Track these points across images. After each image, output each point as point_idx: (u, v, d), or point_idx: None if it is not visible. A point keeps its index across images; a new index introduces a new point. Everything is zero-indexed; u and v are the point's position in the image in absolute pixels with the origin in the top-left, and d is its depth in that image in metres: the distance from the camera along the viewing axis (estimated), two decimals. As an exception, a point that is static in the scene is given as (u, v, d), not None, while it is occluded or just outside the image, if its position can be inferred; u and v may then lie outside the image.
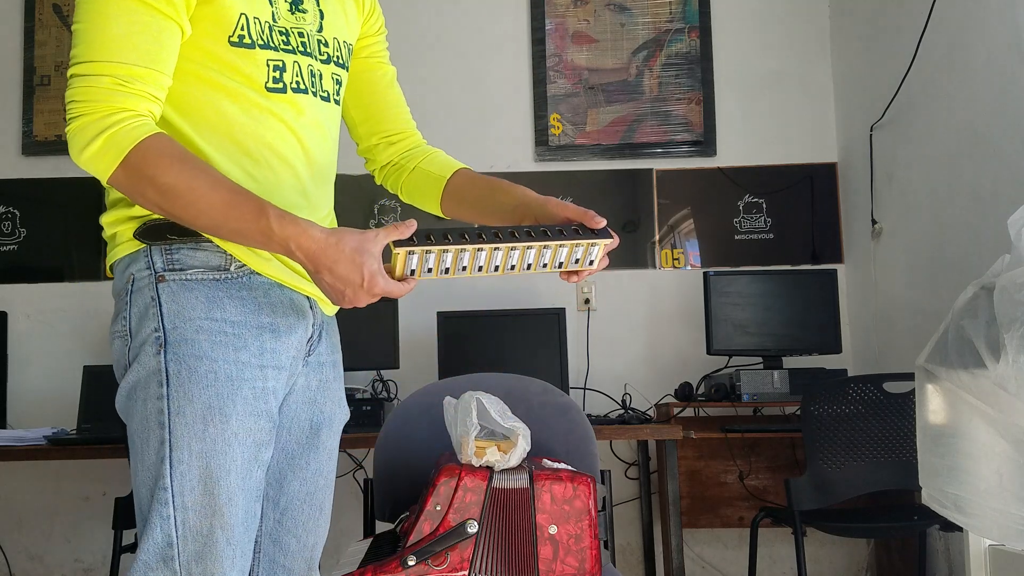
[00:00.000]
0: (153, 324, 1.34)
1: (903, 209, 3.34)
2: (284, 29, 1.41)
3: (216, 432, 1.31)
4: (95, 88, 1.27)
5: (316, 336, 1.49)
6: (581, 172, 3.84)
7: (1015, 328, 1.78)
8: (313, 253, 1.25)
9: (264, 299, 1.40)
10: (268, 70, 1.39)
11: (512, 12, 3.91)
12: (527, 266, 1.38)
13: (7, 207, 3.80)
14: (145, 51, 1.29)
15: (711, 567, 3.70)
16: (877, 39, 3.52)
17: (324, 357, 1.52)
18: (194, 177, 1.27)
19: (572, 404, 2.33)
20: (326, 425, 1.51)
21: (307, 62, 1.44)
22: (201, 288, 1.36)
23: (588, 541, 1.73)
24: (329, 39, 1.48)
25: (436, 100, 3.85)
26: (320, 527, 1.51)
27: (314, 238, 1.25)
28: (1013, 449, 1.86)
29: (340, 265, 1.25)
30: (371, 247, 1.26)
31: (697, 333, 3.61)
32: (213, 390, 1.32)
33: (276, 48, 1.40)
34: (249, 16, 1.36)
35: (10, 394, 3.59)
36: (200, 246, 1.37)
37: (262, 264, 1.40)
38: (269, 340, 1.39)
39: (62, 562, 3.68)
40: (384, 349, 3.44)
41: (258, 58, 1.38)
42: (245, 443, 1.33)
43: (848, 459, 2.68)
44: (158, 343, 1.33)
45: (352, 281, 1.26)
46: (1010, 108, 2.68)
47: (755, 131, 3.85)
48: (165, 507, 1.29)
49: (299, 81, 1.43)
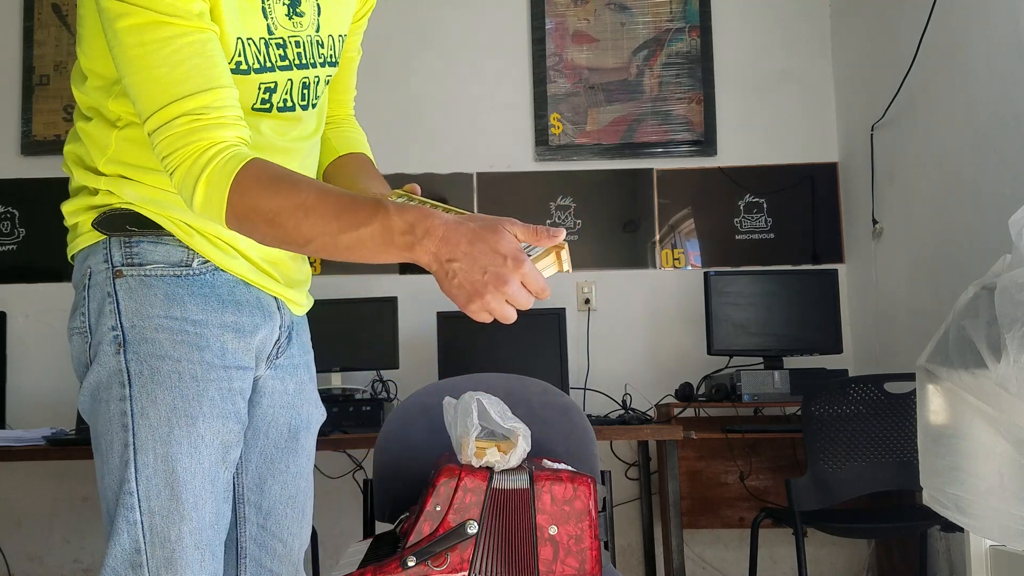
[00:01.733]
0: (111, 322, 1.30)
1: (904, 209, 3.34)
2: (281, 40, 1.34)
3: (182, 435, 1.27)
4: (174, 135, 1.19)
5: (285, 338, 1.45)
6: (581, 172, 3.83)
7: (1016, 328, 1.77)
8: (442, 234, 1.11)
9: (228, 297, 1.35)
10: (259, 93, 1.33)
11: (512, 11, 3.90)
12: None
13: (6, 207, 3.79)
14: (199, 73, 1.20)
15: (711, 568, 3.70)
16: (878, 39, 3.52)
17: (297, 359, 1.49)
18: (298, 192, 1.17)
19: (572, 404, 2.32)
20: (304, 428, 1.49)
21: (301, 75, 1.38)
22: (160, 285, 1.31)
23: (588, 542, 1.72)
24: (325, 38, 1.41)
25: (436, 99, 3.85)
26: (303, 528, 1.50)
27: (442, 217, 1.13)
28: (1014, 449, 1.86)
29: (478, 241, 1.10)
30: (509, 224, 1.13)
31: (698, 333, 3.61)
32: (178, 391, 1.28)
33: (272, 68, 1.33)
34: (245, 39, 1.29)
35: (9, 394, 3.59)
36: (161, 240, 1.32)
37: (227, 261, 1.35)
38: (232, 340, 1.34)
39: (61, 562, 3.68)
40: (384, 349, 3.44)
41: (251, 83, 1.31)
42: (212, 445, 1.30)
43: (849, 459, 2.67)
44: (116, 342, 1.29)
45: (495, 257, 1.09)
46: (1011, 108, 2.67)
47: (756, 131, 3.85)
48: (131, 512, 1.26)
49: (287, 99, 1.37)
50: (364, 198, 1.19)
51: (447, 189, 3.79)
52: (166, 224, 1.32)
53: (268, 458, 1.45)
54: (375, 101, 3.68)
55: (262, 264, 1.39)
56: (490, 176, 3.81)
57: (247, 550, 1.44)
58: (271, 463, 1.45)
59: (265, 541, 1.45)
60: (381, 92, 3.77)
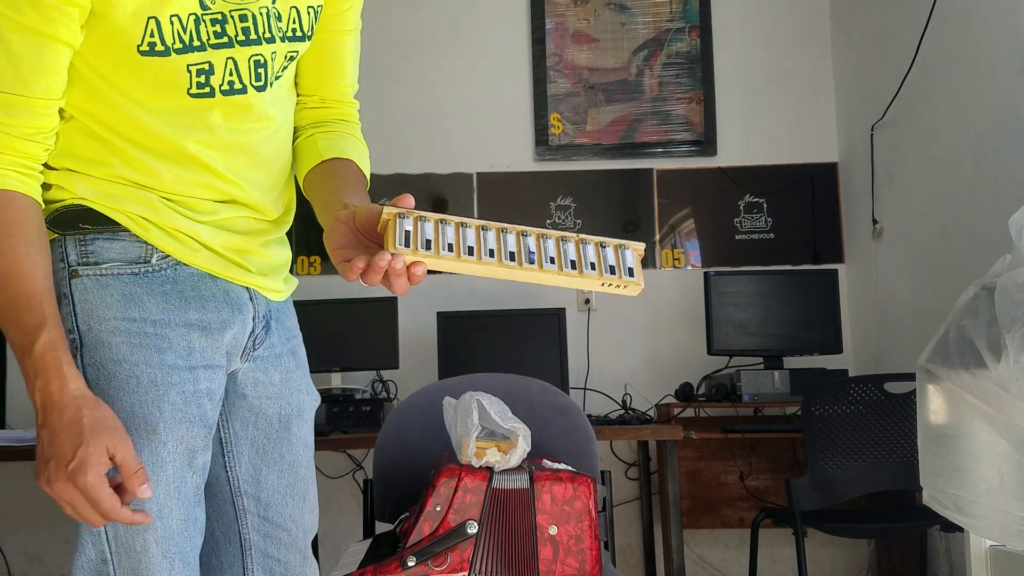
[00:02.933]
0: (67, 325, 1.23)
1: (904, 209, 3.34)
2: (220, 16, 1.22)
3: (142, 443, 1.21)
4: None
5: (262, 329, 1.38)
6: (581, 172, 3.83)
7: (1016, 328, 1.77)
8: (49, 404, 1.12)
9: (192, 293, 1.29)
10: (191, 76, 1.22)
11: (512, 11, 3.90)
12: (549, 259, 1.12)
13: (7, 207, 3.79)
14: (12, 75, 1.15)
15: (711, 568, 3.70)
16: (878, 39, 3.52)
17: (279, 348, 1.42)
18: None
19: (572, 404, 2.32)
20: (296, 416, 1.44)
21: (250, 53, 1.26)
22: (116, 284, 1.25)
23: (588, 542, 1.72)
24: (285, 9, 1.28)
25: (436, 99, 3.85)
26: (307, 515, 1.46)
27: (63, 389, 1.13)
28: (1014, 449, 1.86)
29: (63, 434, 1.10)
30: (113, 438, 1.12)
31: (698, 333, 3.61)
32: (135, 397, 1.22)
33: (202, 47, 1.22)
34: (167, 16, 1.18)
35: (9, 394, 3.59)
36: (117, 236, 1.26)
37: (189, 254, 1.29)
38: (198, 338, 1.28)
39: (61, 563, 3.68)
40: (384, 349, 3.44)
41: (175, 64, 1.21)
42: (176, 452, 1.24)
43: (849, 459, 2.67)
44: (74, 346, 1.22)
45: (60, 455, 1.10)
46: (1011, 108, 2.67)
47: (756, 131, 3.85)
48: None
49: (232, 81, 1.26)
50: (39, 312, 1.15)
51: (447, 189, 3.80)
52: (121, 219, 1.26)
53: (261, 449, 1.42)
54: (375, 101, 3.69)
55: (228, 255, 1.33)
56: (490, 176, 3.81)
57: (251, 541, 1.42)
58: (264, 454, 1.42)
59: (269, 531, 1.43)
60: (381, 92, 3.77)
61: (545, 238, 1.13)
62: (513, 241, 1.12)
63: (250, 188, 1.35)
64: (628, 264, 1.14)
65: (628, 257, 1.14)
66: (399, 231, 1.10)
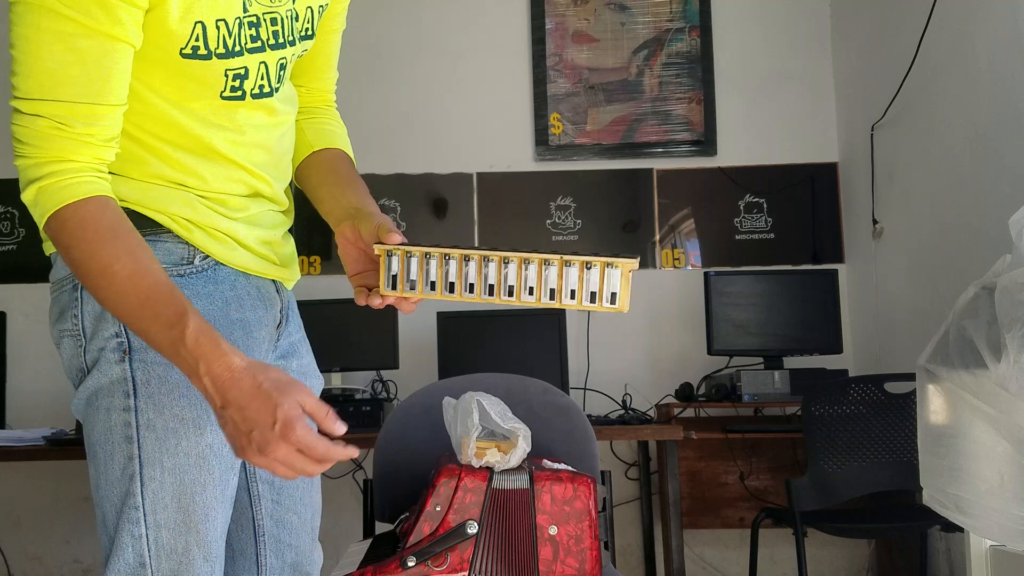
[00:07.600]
0: (114, 328, 1.23)
1: (904, 209, 3.34)
2: (254, 19, 1.24)
3: (190, 446, 1.22)
4: (31, 130, 1.14)
5: (284, 320, 1.41)
6: (581, 172, 3.83)
7: (1016, 328, 1.77)
8: (224, 384, 1.11)
9: (231, 293, 1.30)
10: (227, 80, 1.24)
11: (512, 11, 3.90)
12: (528, 290, 1.18)
13: (6, 207, 3.79)
14: (86, 84, 1.14)
15: (712, 568, 3.70)
16: (878, 38, 3.52)
17: (295, 335, 1.45)
18: (112, 261, 1.14)
19: (572, 404, 2.32)
20: None
21: (276, 56, 1.29)
22: None
23: (588, 542, 1.72)
24: (302, 10, 1.31)
25: (436, 99, 3.85)
26: (315, 500, 1.48)
27: (231, 366, 1.11)
28: (1014, 449, 1.86)
29: (254, 403, 1.10)
30: (298, 391, 1.12)
31: (698, 333, 3.61)
32: (186, 400, 1.22)
33: (240, 52, 1.24)
34: (213, 20, 1.20)
35: (9, 394, 3.59)
36: (160, 238, 1.26)
37: (227, 253, 1.30)
38: (241, 337, 1.29)
39: (61, 563, 3.68)
40: (384, 349, 3.44)
41: (215, 68, 1.22)
42: (221, 454, 1.25)
43: (849, 459, 2.67)
44: (121, 349, 1.23)
45: (262, 421, 1.10)
46: (1011, 108, 2.67)
47: (756, 131, 3.85)
48: (136, 526, 1.22)
49: (263, 85, 1.29)
50: (175, 301, 1.14)
51: (447, 189, 3.79)
52: (165, 221, 1.26)
53: None
54: (375, 101, 3.69)
55: (259, 249, 1.34)
56: (490, 176, 3.81)
57: (264, 527, 1.42)
58: None
59: (281, 516, 1.43)
60: (381, 92, 3.76)
61: (527, 263, 1.19)
62: (494, 272, 1.20)
63: (272, 182, 1.38)
64: (612, 288, 1.21)
65: (614, 279, 1.21)
66: (387, 275, 1.23)
